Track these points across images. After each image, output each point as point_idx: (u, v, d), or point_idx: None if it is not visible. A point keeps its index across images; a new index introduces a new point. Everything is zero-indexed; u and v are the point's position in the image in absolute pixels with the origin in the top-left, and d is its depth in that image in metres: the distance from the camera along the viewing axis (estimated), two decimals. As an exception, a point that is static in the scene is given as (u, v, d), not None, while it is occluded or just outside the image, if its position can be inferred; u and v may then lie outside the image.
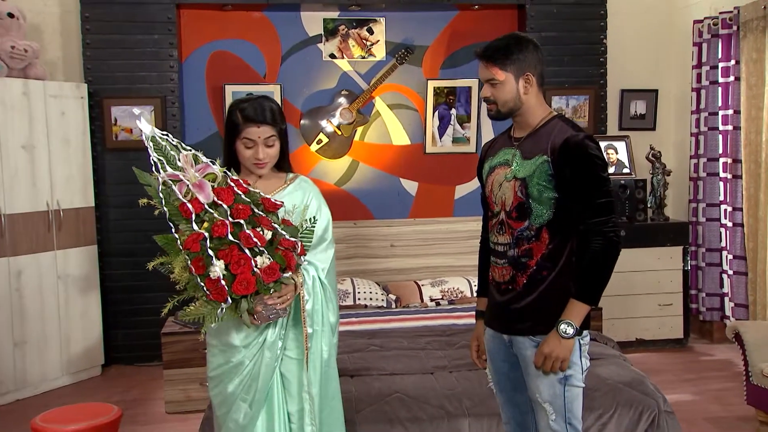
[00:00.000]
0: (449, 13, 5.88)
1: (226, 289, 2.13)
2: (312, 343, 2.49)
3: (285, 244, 2.24)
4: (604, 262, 2.40)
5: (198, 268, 2.15)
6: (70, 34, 5.55)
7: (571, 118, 5.86)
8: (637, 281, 5.59)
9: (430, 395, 3.16)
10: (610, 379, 3.35)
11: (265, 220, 2.24)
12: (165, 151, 2.31)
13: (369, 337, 4.03)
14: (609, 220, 2.38)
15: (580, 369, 2.47)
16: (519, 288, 2.49)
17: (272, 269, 2.18)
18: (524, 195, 2.47)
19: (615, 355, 3.68)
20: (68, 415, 3.22)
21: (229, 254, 2.14)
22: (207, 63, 5.70)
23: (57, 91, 5.05)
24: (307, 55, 5.79)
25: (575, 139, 2.40)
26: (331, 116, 5.78)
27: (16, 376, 4.87)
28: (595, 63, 5.90)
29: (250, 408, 2.45)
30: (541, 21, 5.80)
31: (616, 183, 5.62)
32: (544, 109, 2.56)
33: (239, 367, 2.44)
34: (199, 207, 2.21)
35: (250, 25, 5.72)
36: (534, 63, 2.51)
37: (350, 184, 5.88)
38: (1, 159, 4.74)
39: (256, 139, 2.50)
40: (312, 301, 2.49)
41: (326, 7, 5.71)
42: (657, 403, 3.30)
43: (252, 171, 2.56)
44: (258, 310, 2.29)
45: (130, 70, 5.44)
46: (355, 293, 4.84)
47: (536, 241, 2.47)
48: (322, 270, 2.55)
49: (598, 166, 2.40)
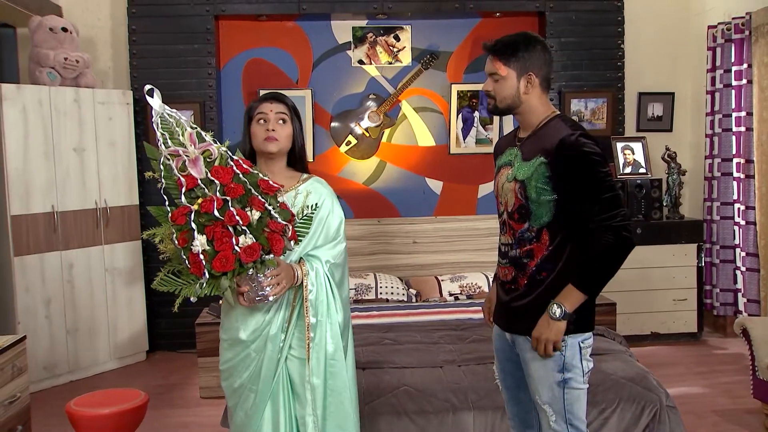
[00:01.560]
0: (472, 20, 5.83)
1: (204, 264, 2.07)
2: (315, 332, 2.41)
3: (273, 226, 2.15)
4: (612, 258, 2.28)
5: (182, 240, 2.09)
6: (119, 46, 5.65)
7: (590, 120, 5.77)
8: (652, 277, 5.49)
9: (437, 389, 3.13)
10: (613, 375, 3.29)
11: (257, 201, 2.16)
12: (171, 128, 2.25)
13: (385, 330, 4.01)
14: (617, 215, 2.25)
15: (580, 371, 2.38)
16: (521, 288, 2.42)
17: (252, 249, 2.09)
18: (523, 197, 2.37)
19: (621, 351, 3.60)
20: (100, 400, 3.27)
21: (213, 230, 2.08)
22: (243, 69, 5.74)
23: (105, 98, 5.14)
24: (337, 61, 5.80)
25: (570, 138, 2.29)
26: (359, 119, 5.78)
27: (69, 359, 4.99)
28: (613, 67, 5.79)
29: (255, 398, 2.42)
30: (560, 27, 5.71)
31: (633, 183, 5.52)
32: (545, 109, 2.43)
33: (246, 360, 2.40)
34: (192, 182, 2.15)
35: (283, 33, 5.75)
36: (539, 64, 2.40)
37: (378, 183, 5.88)
38: (54, 161, 4.85)
39: (268, 113, 2.45)
40: (315, 292, 2.40)
41: (355, 16, 5.71)
42: (659, 398, 3.22)
43: (263, 149, 2.46)
44: (244, 290, 2.22)
45: (172, 77, 5.52)
46: (377, 287, 4.82)
47: (537, 242, 2.37)
48: (326, 263, 2.45)
49: (596, 163, 2.27)
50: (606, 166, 2.30)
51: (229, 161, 2.25)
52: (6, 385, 3.41)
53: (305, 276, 2.41)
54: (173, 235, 2.12)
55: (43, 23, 4.97)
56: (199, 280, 2.11)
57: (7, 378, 3.43)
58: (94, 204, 5.07)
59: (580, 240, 2.33)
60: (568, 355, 2.37)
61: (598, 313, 4.74)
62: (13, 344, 3.52)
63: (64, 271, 4.92)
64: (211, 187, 2.16)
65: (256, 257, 2.11)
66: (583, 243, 2.31)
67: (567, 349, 2.37)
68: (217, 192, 2.14)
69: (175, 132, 2.26)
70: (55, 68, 4.94)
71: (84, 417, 3.12)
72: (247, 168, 2.25)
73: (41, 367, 4.83)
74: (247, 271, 2.14)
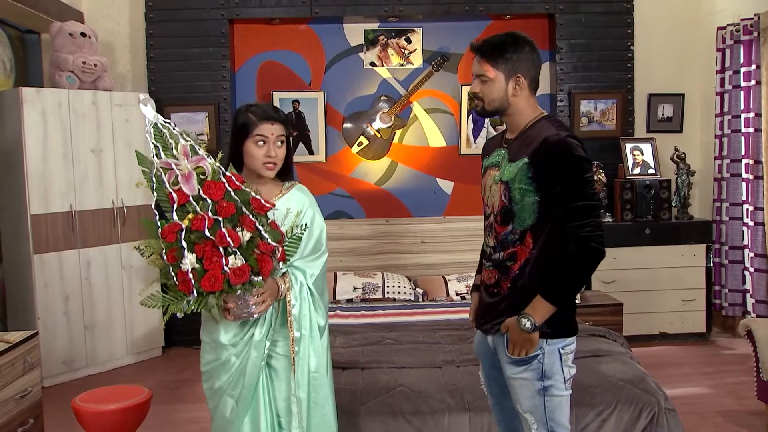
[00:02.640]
0: (482, 22, 5.76)
1: (193, 283, 2.02)
2: (299, 347, 2.36)
3: (263, 248, 2.09)
4: (578, 268, 2.18)
5: (172, 257, 2.04)
6: (137, 50, 5.67)
7: (600, 121, 5.67)
8: (661, 277, 5.38)
9: (434, 389, 3.07)
10: (611, 376, 3.20)
11: (248, 221, 2.10)
12: (165, 139, 2.19)
13: (389, 330, 3.96)
14: (587, 224, 2.14)
15: (561, 378, 2.28)
16: (504, 292, 2.33)
17: (242, 271, 2.04)
18: (507, 199, 2.28)
19: (621, 352, 3.50)
20: (104, 396, 3.27)
21: (203, 249, 2.03)
22: (257, 72, 5.73)
23: (122, 101, 5.16)
24: (349, 64, 5.76)
25: (554, 138, 2.18)
26: (371, 120, 5.74)
27: (87, 354, 5.02)
28: (623, 68, 5.68)
29: (236, 404, 2.35)
30: (570, 29, 5.62)
31: (642, 183, 5.41)
32: (533, 111, 2.34)
33: (226, 364, 2.34)
34: (184, 198, 2.09)
35: (296, 36, 5.73)
36: (527, 66, 2.30)
37: (389, 183, 5.84)
38: (73, 161, 4.88)
39: (269, 136, 2.35)
40: (299, 306, 2.35)
41: (367, 19, 5.67)
42: (657, 400, 3.12)
43: (260, 173, 2.38)
44: (230, 307, 2.18)
45: (187, 80, 5.52)
46: (384, 287, 4.78)
47: (520, 245, 2.27)
48: (311, 276, 2.39)
49: (579, 167, 2.17)
50: (589, 171, 2.21)
51: (221, 177, 2.17)
52: (17, 380, 3.43)
53: (288, 290, 2.35)
54: (162, 251, 2.07)
55: (63, 28, 4.99)
56: (187, 298, 2.07)
57: (18, 373, 3.45)
58: (111, 204, 5.08)
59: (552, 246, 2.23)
60: (546, 363, 2.27)
61: (604, 313, 4.80)
62: (25, 340, 3.54)
63: (81, 269, 4.95)
64: (202, 204, 2.10)
65: (245, 279, 2.06)
66: (553, 249, 2.22)
67: (545, 356, 2.27)
68: (209, 210, 2.07)
69: (169, 144, 2.20)
70: (74, 72, 4.97)
71: (88, 413, 3.13)
72: (239, 185, 2.17)
73: (60, 361, 4.86)
74: (236, 291, 2.10)
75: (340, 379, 3.16)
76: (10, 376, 3.37)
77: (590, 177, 2.20)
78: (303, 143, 5.74)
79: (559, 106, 5.65)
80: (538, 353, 2.27)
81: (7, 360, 3.36)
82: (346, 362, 3.32)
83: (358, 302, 4.69)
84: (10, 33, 5.37)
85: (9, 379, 3.36)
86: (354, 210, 5.82)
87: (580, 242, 2.15)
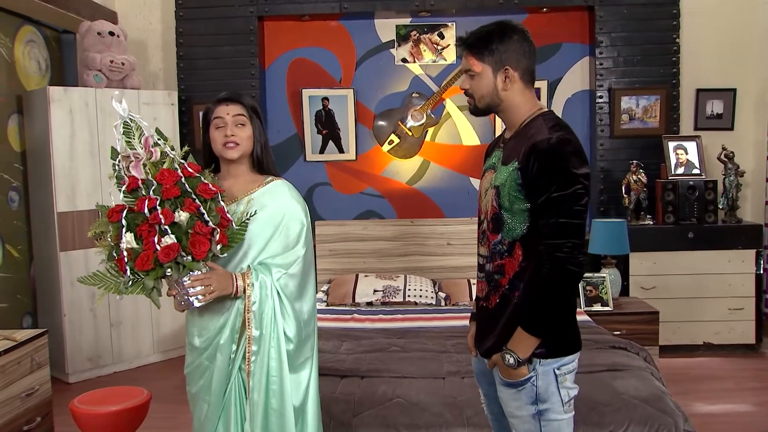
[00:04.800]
0: (518, 16, 5.53)
1: (126, 262, 2.00)
2: (258, 346, 2.23)
3: (199, 228, 2.05)
4: (550, 292, 1.98)
5: (116, 238, 2.05)
6: (168, 48, 5.68)
7: (641, 118, 5.37)
8: (706, 284, 5.06)
9: (432, 402, 2.90)
10: (625, 394, 2.96)
11: (189, 203, 2.07)
12: (131, 132, 2.19)
13: (399, 336, 3.80)
14: (564, 244, 1.94)
15: (559, 401, 2.07)
16: (491, 307, 2.14)
17: (170, 249, 2.00)
18: (497, 205, 2.08)
19: (640, 367, 3.25)
20: (103, 398, 3.24)
21: (141, 230, 2.03)
22: (288, 69, 5.67)
23: (150, 99, 5.17)
24: (381, 60, 5.64)
25: (543, 144, 1.96)
26: (402, 118, 5.60)
27: (113, 352, 5.06)
28: (667, 63, 5.36)
29: (208, 409, 2.29)
30: (611, 22, 5.34)
31: (685, 184, 5.09)
32: (530, 107, 2.12)
33: (200, 368, 2.30)
34: (134, 182, 2.10)
35: (327, 33, 5.64)
36: (516, 56, 2.08)
37: (421, 183, 5.69)
38: (100, 160, 4.92)
39: (225, 116, 2.30)
40: (259, 303, 2.22)
41: (399, 14, 5.53)
42: (675, 422, 2.86)
43: (224, 155, 2.31)
44: (172, 293, 2.13)
45: (216, 78, 5.50)
46: (405, 290, 4.63)
47: (509, 257, 2.07)
48: (278, 272, 2.26)
49: (565, 179, 1.94)
50: (578, 183, 1.95)
51: (175, 165, 2.15)
52: (24, 378, 3.46)
53: (249, 287, 2.23)
54: (109, 233, 2.09)
55: (92, 28, 5.04)
56: (123, 278, 2.05)
57: (25, 371, 3.47)
58: (138, 201, 5.10)
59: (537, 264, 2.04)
60: (541, 385, 2.07)
61: (636, 321, 4.54)
62: (32, 339, 3.56)
63: (109, 266, 4.98)
64: (147, 187, 2.10)
65: (172, 257, 2.01)
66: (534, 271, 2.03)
67: (539, 378, 2.07)
68: (151, 192, 2.07)
69: (133, 136, 2.20)
70: (102, 71, 5.01)
71: (84, 415, 3.10)
72: (192, 172, 2.15)
73: (86, 358, 4.92)
74: (165, 270, 2.05)
75: (336, 388, 3.04)
76: (15, 374, 3.40)
77: (580, 190, 1.96)
78: (333, 141, 5.64)
79: (599, 103, 5.39)
80: (531, 375, 2.07)
81: (13, 358, 3.39)
82: (346, 370, 3.20)
83: (378, 305, 4.55)
84: (46, 33, 5.46)
85: (15, 377, 3.38)
86: (385, 210, 5.70)
87: (554, 263, 1.96)
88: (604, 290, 4.63)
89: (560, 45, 5.55)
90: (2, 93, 4.87)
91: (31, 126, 4.94)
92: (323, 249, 5.27)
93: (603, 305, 4.60)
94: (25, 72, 5.16)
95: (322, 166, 5.71)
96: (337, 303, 4.58)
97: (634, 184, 5.14)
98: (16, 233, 4.98)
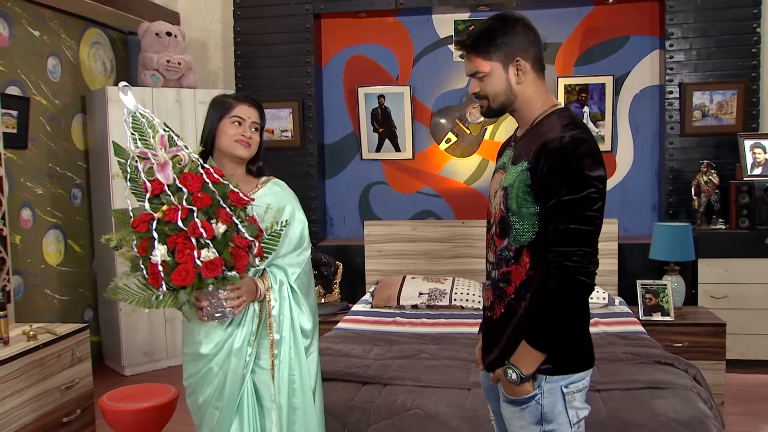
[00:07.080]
0: (583, 8, 5.29)
1: (162, 276, 1.90)
2: (279, 350, 2.26)
3: (238, 242, 1.98)
4: (557, 304, 1.83)
5: (142, 249, 1.93)
6: (227, 47, 5.75)
7: (716, 115, 5.01)
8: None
9: (451, 414, 2.76)
10: (662, 415, 2.72)
11: (224, 214, 1.98)
12: (143, 128, 2.10)
13: (436, 342, 3.65)
14: (575, 253, 1.79)
15: (566, 422, 1.92)
16: (496, 317, 2.00)
17: (214, 264, 1.91)
18: (505, 208, 1.95)
19: (685, 386, 2.99)
20: (131, 395, 3.29)
21: (175, 241, 1.91)
22: (344, 67, 5.63)
23: (205, 98, 5.25)
24: (438, 56, 5.52)
25: (554, 143, 1.81)
26: (460, 116, 5.46)
27: (168, 347, 5.18)
28: (746, 55, 4.98)
29: (220, 415, 2.27)
30: (682, 13, 5.01)
31: (763, 186, 4.71)
32: (544, 101, 1.99)
33: (208, 375, 2.25)
34: (158, 188, 1.98)
35: (384, 29, 5.56)
36: (525, 45, 1.95)
37: (480, 182, 5.53)
38: (158, 158, 5.02)
39: (246, 119, 2.31)
40: (279, 306, 2.25)
41: (457, 9, 5.39)
42: (717, 449, 2.64)
43: (232, 151, 2.30)
44: (203, 305, 2.07)
45: (273, 76, 5.52)
46: (452, 293, 4.47)
47: (515, 264, 1.93)
48: (293, 274, 2.30)
49: (577, 182, 1.79)
50: (591, 186, 1.80)
51: (199, 169, 2.07)
52: (64, 371, 3.56)
53: (268, 290, 2.25)
54: (133, 242, 1.97)
55: (151, 29, 5.16)
56: (156, 292, 1.97)
57: (65, 364, 3.58)
58: (193, 199, 5.19)
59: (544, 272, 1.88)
60: (546, 404, 1.92)
61: (700, 333, 4.24)
62: (74, 333, 3.67)
63: (165, 263, 5.09)
64: (178, 195, 1.99)
65: (218, 273, 1.93)
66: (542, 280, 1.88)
67: (544, 396, 1.92)
68: (184, 201, 1.97)
69: (147, 133, 2.11)
70: (159, 70, 5.12)
71: (111, 411, 3.15)
72: (218, 178, 2.06)
73: (141, 352, 5.05)
74: (207, 286, 1.97)
75: (356, 395, 2.96)
76: (56, 367, 3.50)
77: (593, 194, 1.80)
78: (389, 140, 5.56)
79: (668, 99, 5.07)
80: (536, 393, 1.93)
81: (53, 351, 3.49)
82: (369, 377, 3.10)
83: (423, 309, 4.43)
84: (112, 35, 5.64)
85: (54, 370, 3.49)
86: (442, 210, 5.58)
87: (563, 272, 1.81)
88: (665, 299, 4.34)
89: (627, 38, 5.26)
90: (67, 93, 5.06)
91: (92, 125, 5.11)
92: (371, 249, 5.19)
93: (663, 314, 4.31)
94: (90, 72, 5.35)
95: (378, 165, 5.64)
96: (381, 305, 4.48)
97: (704, 186, 4.80)
98: (79, 229, 5.17)
